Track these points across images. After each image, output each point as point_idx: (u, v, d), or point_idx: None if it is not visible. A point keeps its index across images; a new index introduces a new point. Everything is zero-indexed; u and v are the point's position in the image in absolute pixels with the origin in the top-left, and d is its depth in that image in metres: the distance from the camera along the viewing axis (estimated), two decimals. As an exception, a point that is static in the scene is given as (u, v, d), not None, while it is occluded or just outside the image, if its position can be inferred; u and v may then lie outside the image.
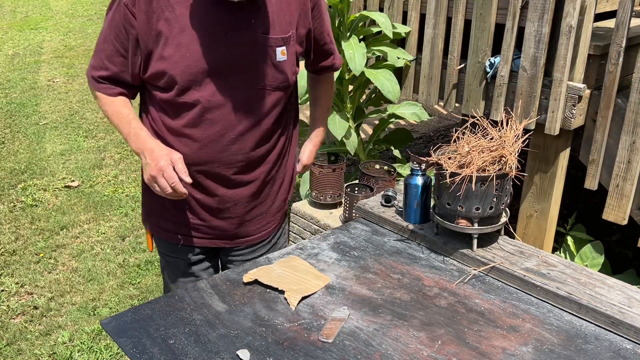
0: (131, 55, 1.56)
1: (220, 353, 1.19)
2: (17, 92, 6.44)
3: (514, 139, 1.47)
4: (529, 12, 2.57)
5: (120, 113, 1.63)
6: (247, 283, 1.42)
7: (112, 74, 1.61)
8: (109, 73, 1.61)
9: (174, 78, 1.54)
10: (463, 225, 1.49)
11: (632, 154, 2.42)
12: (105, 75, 1.61)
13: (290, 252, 1.58)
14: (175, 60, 1.52)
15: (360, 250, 1.59)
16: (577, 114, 2.63)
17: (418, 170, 1.61)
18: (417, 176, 1.61)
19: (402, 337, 1.24)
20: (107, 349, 2.74)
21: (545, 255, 1.51)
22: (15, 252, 3.53)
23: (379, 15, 3.07)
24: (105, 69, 1.61)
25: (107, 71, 1.61)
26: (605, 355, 1.20)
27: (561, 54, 2.53)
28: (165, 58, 1.52)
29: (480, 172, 1.43)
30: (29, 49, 8.23)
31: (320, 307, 1.34)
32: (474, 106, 2.92)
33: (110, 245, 3.61)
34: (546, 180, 2.81)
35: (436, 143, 5.06)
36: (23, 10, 10.77)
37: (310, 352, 1.19)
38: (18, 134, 5.32)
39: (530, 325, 1.29)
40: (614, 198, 2.53)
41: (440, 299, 1.37)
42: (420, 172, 1.61)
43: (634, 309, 1.29)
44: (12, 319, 2.96)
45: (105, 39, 1.58)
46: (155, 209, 1.77)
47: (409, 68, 3.29)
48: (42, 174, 4.54)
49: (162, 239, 1.80)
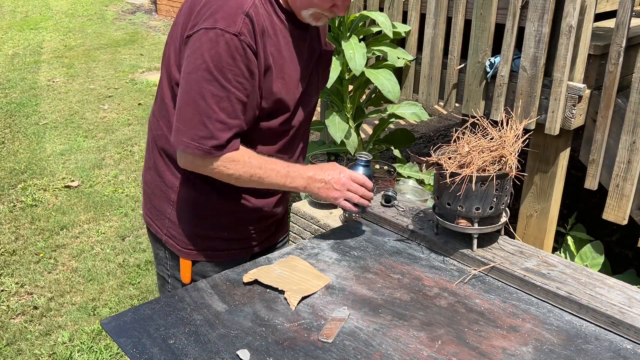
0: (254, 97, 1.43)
1: (220, 353, 1.19)
2: (17, 92, 6.44)
3: (514, 139, 1.47)
4: (529, 12, 2.57)
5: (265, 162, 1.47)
6: (247, 283, 1.42)
7: (237, 130, 1.43)
8: (233, 132, 1.41)
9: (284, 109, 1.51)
10: (463, 225, 1.49)
11: (632, 154, 2.42)
12: (231, 135, 1.41)
13: (290, 252, 1.58)
14: (284, 92, 1.48)
15: (360, 250, 1.59)
16: (577, 114, 2.63)
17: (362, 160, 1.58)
18: (360, 167, 1.59)
19: (402, 337, 1.24)
20: (107, 349, 2.74)
21: (545, 255, 1.51)
22: (15, 252, 3.53)
23: (379, 15, 3.07)
24: (229, 130, 1.40)
25: (232, 130, 1.41)
26: (605, 355, 1.20)
27: (561, 54, 2.53)
28: (275, 92, 1.46)
29: (480, 172, 1.43)
30: (29, 49, 8.23)
31: (320, 307, 1.34)
32: (474, 106, 2.92)
33: (110, 245, 3.61)
34: (546, 180, 2.81)
35: (436, 143, 5.05)
36: (23, 10, 10.77)
37: (310, 352, 1.19)
38: (18, 134, 5.32)
39: (531, 325, 1.29)
40: (614, 198, 2.53)
41: (440, 299, 1.37)
42: (365, 163, 1.58)
43: (634, 309, 1.29)
44: (12, 319, 2.96)
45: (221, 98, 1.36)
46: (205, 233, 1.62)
47: (409, 68, 3.29)
48: (42, 174, 4.54)
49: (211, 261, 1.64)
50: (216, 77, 1.35)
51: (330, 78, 2.95)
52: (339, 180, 1.52)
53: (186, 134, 1.39)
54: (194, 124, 1.38)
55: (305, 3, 1.42)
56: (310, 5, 1.42)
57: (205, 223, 1.60)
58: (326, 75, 1.69)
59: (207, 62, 1.34)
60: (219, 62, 1.34)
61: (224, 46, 1.33)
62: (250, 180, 1.47)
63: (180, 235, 1.61)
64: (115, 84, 6.80)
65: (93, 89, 6.61)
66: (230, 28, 1.33)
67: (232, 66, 1.35)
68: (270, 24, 1.42)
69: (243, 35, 1.34)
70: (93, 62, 7.66)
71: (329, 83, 2.95)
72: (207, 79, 1.35)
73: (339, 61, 3.06)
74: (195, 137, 1.39)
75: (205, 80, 1.35)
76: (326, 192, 1.52)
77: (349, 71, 3.20)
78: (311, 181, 1.51)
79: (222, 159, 1.42)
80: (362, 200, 1.55)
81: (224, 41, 1.33)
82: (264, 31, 1.40)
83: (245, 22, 1.35)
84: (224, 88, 1.36)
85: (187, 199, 1.58)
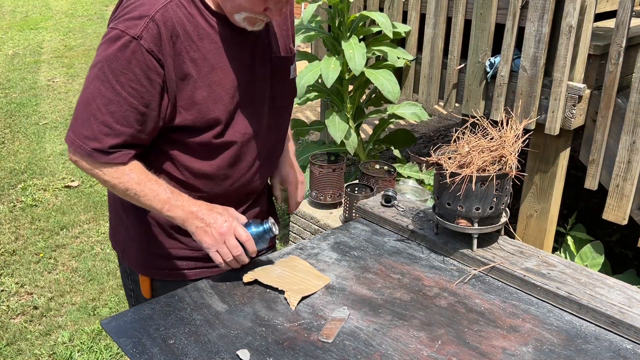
0: (154, 107, 1.33)
1: (220, 353, 1.19)
2: (17, 92, 6.44)
3: (514, 139, 1.47)
4: (529, 12, 2.57)
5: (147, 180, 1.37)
6: (247, 283, 1.42)
7: (127, 138, 1.33)
8: (121, 139, 1.32)
9: (212, 120, 1.38)
10: (463, 225, 1.49)
11: (632, 154, 2.42)
12: (117, 142, 1.32)
13: (290, 252, 1.58)
14: (210, 101, 1.37)
15: (360, 250, 1.59)
16: (577, 114, 2.63)
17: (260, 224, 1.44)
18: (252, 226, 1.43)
19: (402, 337, 1.24)
20: (107, 349, 2.74)
21: (545, 255, 1.51)
22: (15, 252, 3.53)
23: (379, 15, 3.07)
24: (115, 136, 1.31)
25: (119, 137, 1.32)
26: (605, 355, 1.20)
27: (561, 54, 2.53)
28: (198, 101, 1.36)
29: (480, 172, 1.43)
30: (29, 49, 8.24)
31: (320, 307, 1.34)
32: (474, 106, 2.92)
33: (110, 245, 3.61)
34: (546, 180, 2.82)
35: (436, 143, 5.06)
36: (23, 10, 10.77)
37: (310, 352, 1.19)
38: (18, 134, 5.32)
39: (531, 325, 1.29)
40: (614, 198, 2.53)
41: (440, 299, 1.37)
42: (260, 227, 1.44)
43: (634, 309, 1.29)
44: (12, 319, 2.96)
45: (110, 101, 1.29)
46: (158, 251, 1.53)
47: (409, 68, 3.29)
48: (42, 174, 4.54)
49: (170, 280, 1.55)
50: (108, 79, 1.28)
51: (330, 78, 2.95)
52: (220, 227, 1.36)
53: (73, 129, 1.34)
54: (81, 121, 1.32)
55: (235, 7, 1.32)
56: (240, 9, 1.32)
57: (157, 241, 1.52)
58: (287, 83, 1.55)
59: (102, 61, 1.29)
60: (112, 63, 1.28)
61: (120, 48, 1.27)
62: (125, 194, 1.37)
63: (136, 251, 1.55)
64: (115, 84, 6.79)
65: (93, 89, 6.60)
66: (130, 30, 1.26)
67: (126, 70, 1.28)
68: (194, 28, 1.32)
69: (142, 39, 1.26)
70: (93, 62, 7.66)
71: (328, 83, 2.95)
72: (101, 79, 1.29)
73: (339, 61, 3.06)
74: (79, 135, 1.32)
75: (98, 79, 1.30)
76: (201, 234, 1.37)
77: (349, 71, 3.20)
78: (192, 217, 1.37)
79: (106, 170, 1.35)
80: (231, 262, 1.39)
81: (121, 43, 1.26)
82: (178, 36, 1.30)
83: (148, 26, 1.26)
84: (115, 91, 1.29)
85: (137, 217, 1.51)
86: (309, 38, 3.25)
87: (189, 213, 1.37)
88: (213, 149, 1.43)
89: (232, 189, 1.51)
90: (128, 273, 1.63)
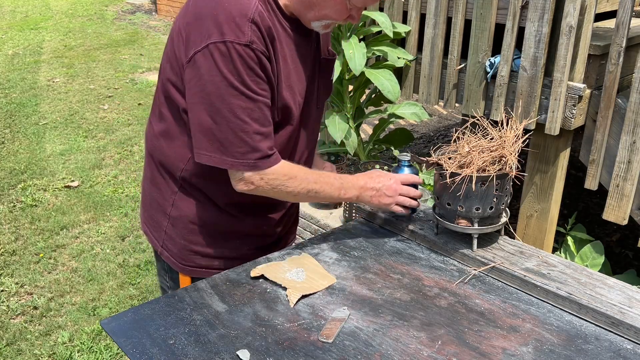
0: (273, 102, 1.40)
1: (220, 353, 1.19)
2: (17, 92, 6.44)
3: (514, 139, 1.47)
4: (529, 12, 2.57)
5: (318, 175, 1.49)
6: (252, 277, 1.43)
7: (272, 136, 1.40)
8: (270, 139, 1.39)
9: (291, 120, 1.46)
10: (463, 225, 1.49)
11: (633, 154, 2.42)
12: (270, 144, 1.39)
13: (291, 252, 1.58)
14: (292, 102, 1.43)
15: (360, 250, 1.59)
16: (577, 114, 2.63)
17: (406, 161, 1.61)
18: (404, 167, 1.61)
19: (402, 337, 1.24)
20: (107, 349, 2.74)
21: (546, 256, 1.51)
22: (15, 252, 3.53)
23: (379, 15, 3.07)
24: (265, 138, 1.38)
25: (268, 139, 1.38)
26: (606, 355, 1.20)
27: (561, 54, 2.53)
28: (285, 100, 1.42)
29: (481, 172, 1.43)
30: (29, 49, 8.24)
31: (320, 307, 1.34)
32: (474, 106, 2.92)
33: (110, 245, 3.61)
34: (546, 180, 2.81)
35: (436, 143, 5.05)
36: (23, 10, 10.77)
37: (310, 352, 1.19)
38: (18, 134, 5.32)
39: (531, 325, 1.29)
40: (614, 198, 2.53)
41: (441, 299, 1.37)
42: (408, 163, 1.61)
43: (634, 309, 1.29)
44: (12, 319, 2.96)
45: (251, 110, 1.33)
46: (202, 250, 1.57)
47: (409, 68, 3.29)
48: (42, 174, 4.54)
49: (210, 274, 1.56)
50: (242, 91, 1.31)
51: (330, 78, 2.95)
52: (390, 186, 1.53)
53: (227, 153, 1.36)
54: (231, 142, 1.35)
55: (320, 16, 1.37)
56: (325, 18, 1.38)
57: (203, 240, 1.55)
58: (327, 85, 1.62)
59: (227, 77, 1.30)
60: (238, 75, 1.30)
61: (239, 58, 1.29)
62: (307, 196, 1.48)
63: (178, 250, 1.57)
64: (115, 84, 6.80)
65: (93, 89, 6.61)
66: (240, 39, 1.28)
67: (252, 76, 1.31)
68: (276, 30, 1.36)
69: (254, 43, 1.30)
70: (93, 62, 7.66)
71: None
72: (233, 94, 1.31)
73: (339, 61, 3.06)
74: (237, 155, 1.36)
75: (232, 96, 1.32)
76: (378, 199, 1.54)
77: (349, 71, 3.20)
78: (363, 190, 1.52)
79: (279, 176, 1.41)
80: (412, 202, 1.57)
81: (237, 54, 1.28)
82: (273, 37, 1.34)
83: (253, 29, 1.29)
84: (251, 99, 1.33)
85: (184, 214, 1.53)
86: (309, 38, 3.24)
87: (360, 189, 1.52)
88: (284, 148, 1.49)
89: None
90: (166, 270, 1.64)
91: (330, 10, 1.35)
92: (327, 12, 1.36)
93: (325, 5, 1.35)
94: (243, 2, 1.30)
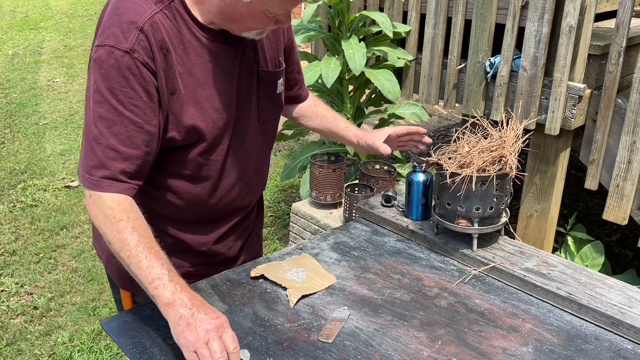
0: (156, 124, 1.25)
1: (220, 353, 1.19)
2: (17, 92, 6.45)
3: (514, 139, 1.47)
4: (529, 12, 2.57)
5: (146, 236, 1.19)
6: (252, 278, 1.43)
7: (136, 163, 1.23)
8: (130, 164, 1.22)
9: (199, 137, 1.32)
10: (463, 225, 1.49)
11: (633, 154, 2.42)
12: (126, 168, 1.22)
13: (291, 252, 1.58)
14: (198, 118, 1.30)
15: (360, 251, 1.59)
16: (577, 114, 2.63)
17: (418, 167, 1.63)
18: (419, 173, 1.62)
19: (402, 337, 1.24)
20: (107, 349, 2.74)
21: (546, 256, 1.51)
22: (15, 252, 3.53)
23: (379, 15, 3.07)
24: (122, 159, 1.21)
25: (125, 162, 1.21)
26: (606, 355, 1.20)
27: (561, 54, 2.53)
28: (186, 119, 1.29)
29: (481, 172, 1.43)
30: (29, 49, 8.24)
31: (320, 307, 1.34)
32: (474, 106, 2.92)
33: (110, 245, 3.61)
34: (546, 180, 2.82)
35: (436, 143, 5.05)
36: (23, 10, 10.77)
37: (310, 352, 1.19)
38: (18, 134, 5.33)
39: (531, 325, 1.29)
40: (614, 198, 2.53)
41: (441, 299, 1.37)
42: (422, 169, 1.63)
43: (634, 309, 1.29)
44: (12, 319, 2.96)
45: (112, 122, 1.19)
46: None
47: (409, 68, 3.29)
48: (42, 174, 4.54)
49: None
50: (107, 99, 1.19)
51: (330, 78, 2.95)
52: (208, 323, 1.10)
53: (81, 164, 1.22)
54: (85, 152, 1.22)
55: (245, 28, 1.28)
56: (250, 29, 1.28)
57: None
58: (273, 97, 1.48)
59: (97, 82, 1.19)
60: (109, 82, 1.18)
61: (114, 64, 1.18)
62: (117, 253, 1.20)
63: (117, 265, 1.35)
64: (115, 84, 6.80)
65: (93, 89, 6.60)
66: (121, 44, 1.18)
67: (124, 87, 1.19)
68: (180, 41, 1.25)
69: (136, 52, 1.18)
70: (93, 62, 7.66)
71: (328, 83, 2.95)
72: (98, 101, 1.19)
73: (339, 61, 3.06)
74: (86, 167, 1.21)
75: (96, 102, 1.20)
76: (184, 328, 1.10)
77: (349, 71, 3.20)
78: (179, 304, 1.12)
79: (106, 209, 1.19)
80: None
81: (114, 59, 1.18)
82: (168, 49, 1.23)
83: (139, 37, 1.19)
84: (115, 110, 1.19)
85: None
86: (309, 38, 3.25)
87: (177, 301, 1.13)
88: (196, 164, 1.36)
89: (218, 206, 1.46)
90: (112, 285, 1.61)
91: (253, 22, 1.26)
92: (250, 24, 1.26)
93: (246, 19, 1.25)
94: (138, 10, 1.21)
